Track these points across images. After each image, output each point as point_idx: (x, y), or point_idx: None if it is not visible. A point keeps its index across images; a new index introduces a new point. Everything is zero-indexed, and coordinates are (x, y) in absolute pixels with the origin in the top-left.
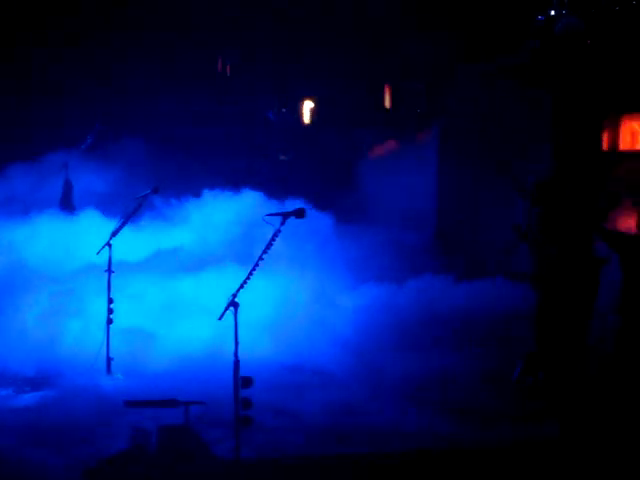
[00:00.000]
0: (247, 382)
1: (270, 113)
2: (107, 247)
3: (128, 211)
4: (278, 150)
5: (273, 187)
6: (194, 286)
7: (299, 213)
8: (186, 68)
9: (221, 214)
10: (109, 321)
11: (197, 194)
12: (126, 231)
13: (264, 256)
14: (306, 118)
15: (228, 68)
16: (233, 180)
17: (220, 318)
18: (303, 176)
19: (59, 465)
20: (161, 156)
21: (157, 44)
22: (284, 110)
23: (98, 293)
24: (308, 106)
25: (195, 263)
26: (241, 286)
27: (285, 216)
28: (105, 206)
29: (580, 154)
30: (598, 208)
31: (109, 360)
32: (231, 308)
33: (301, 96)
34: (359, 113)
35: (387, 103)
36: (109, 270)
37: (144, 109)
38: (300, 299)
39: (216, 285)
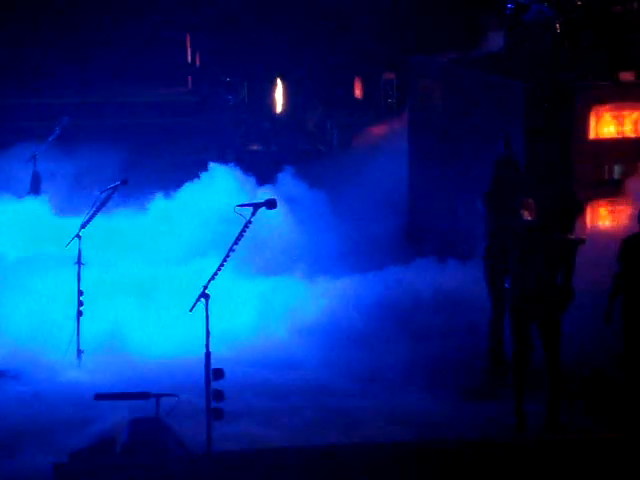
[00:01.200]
0: (218, 374)
1: (230, 97)
2: (76, 239)
3: (97, 203)
4: (248, 140)
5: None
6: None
7: (270, 204)
8: (155, 59)
9: (192, 205)
10: (79, 313)
11: (165, 186)
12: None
13: (235, 247)
14: (278, 107)
15: (197, 58)
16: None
17: (191, 310)
18: (274, 167)
19: (29, 460)
20: (130, 147)
21: (126, 34)
22: (244, 93)
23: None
24: (278, 93)
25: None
26: (212, 278)
27: (256, 207)
28: (72, 197)
29: (553, 143)
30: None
31: (79, 353)
32: (202, 300)
33: (270, 84)
34: (329, 103)
35: (358, 93)
36: (79, 262)
37: (113, 100)
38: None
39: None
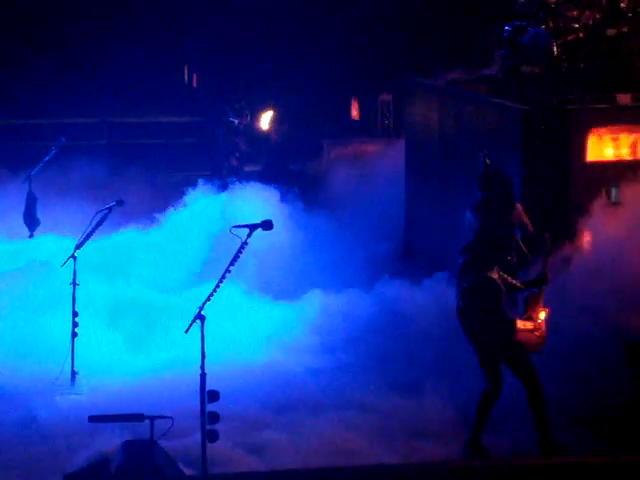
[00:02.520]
0: (213, 396)
1: (234, 119)
2: (72, 260)
3: (92, 223)
4: (244, 160)
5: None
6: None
7: (266, 225)
8: (152, 80)
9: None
10: (74, 334)
11: (163, 207)
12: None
13: (231, 268)
14: (267, 126)
15: (195, 79)
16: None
17: (186, 331)
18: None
19: None
20: (126, 168)
21: (124, 56)
22: (248, 117)
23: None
24: (269, 116)
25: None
26: (208, 299)
27: (252, 228)
28: (67, 219)
29: (549, 166)
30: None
31: (74, 374)
32: (197, 321)
33: (267, 105)
34: (327, 124)
35: (354, 114)
36: (74, 283)
37: (110, 122)
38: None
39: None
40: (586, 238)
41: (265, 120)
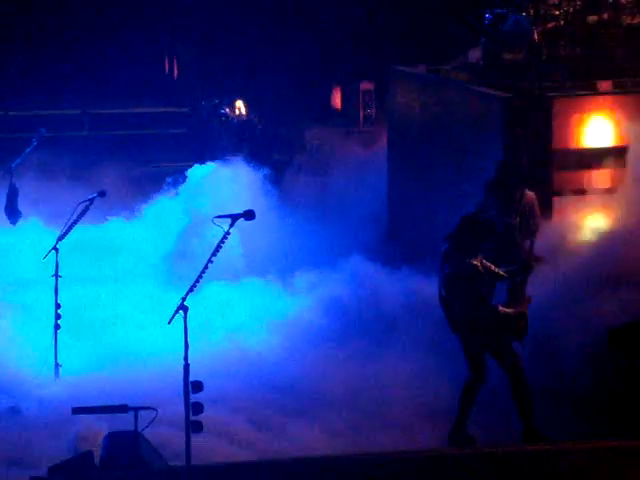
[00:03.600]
0: (197, 387)
1: (224, 111)
2: (54, 251)
3: (75, 215)
4: (229, 150)
5: None
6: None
7: (249, 215)
8: (133, 70)
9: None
10: (57, 326)
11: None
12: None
13: (213, 258)
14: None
15: (175, 69)
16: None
17: (170, 322)
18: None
19: (8, 474)
20: (107, 159)
21: (104, 47)
22: (227, 108)
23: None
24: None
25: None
26: (190, 289)
27: (234, 218)
28: (49, 211)
29: (531, 152)
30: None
31: (57, 366)
32: (180, 312)
33: (249, 95)
34: (308, 113)
35: (336, 103)
36: (56, 275)
37: (90, 113)
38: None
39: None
40: (567, 224)
41: (242, 110)
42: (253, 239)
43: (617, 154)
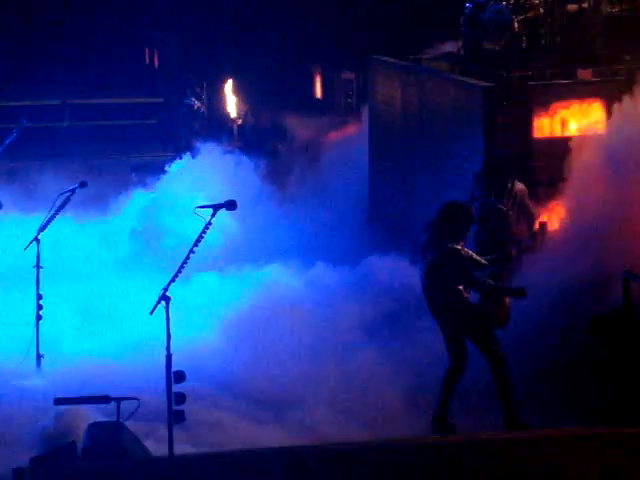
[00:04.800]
0: (180, 377)
1: (193, 100)
2: (35, 242)
3: (55, 206)
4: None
5: None
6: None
7: (230, 205)
8: (114, 60)
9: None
10: (38, 317)
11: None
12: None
13: (195, 249)
14: (231, 107)
15: (156, 60)
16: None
17: (151, 313)
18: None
19: None
20: (88, 150)
21: (85, 37)
22: (203, 97)
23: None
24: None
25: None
26: (172, 280)
27: (216, 208)
28: (30, 201)
29: (511, 141)
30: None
31: (39, 357)
32: (162, 302)
33: (226, 84)
34: (289, 103)
35: (317, 93)
36: (37, 266)
37: (71, 103)
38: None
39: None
40: (547, 213)
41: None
42: (232, 228)
43: (598, 142)
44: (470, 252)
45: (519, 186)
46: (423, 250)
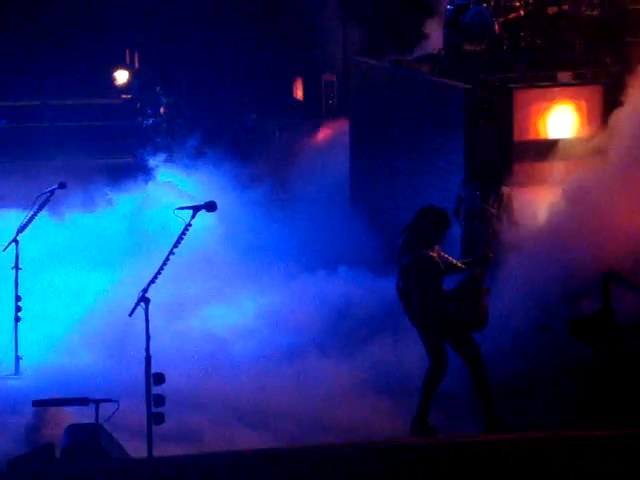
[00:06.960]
0: (159, 379)
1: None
2: (14, 243)
3: (35, 206)
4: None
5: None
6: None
7: (210, 206)
8: (95, 61)
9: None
10: (17, 319)
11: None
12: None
13: (175, 250)
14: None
15: (136, 61)
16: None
17: (131, 314)
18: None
19: None
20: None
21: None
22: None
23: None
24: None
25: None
26: (151, 281)
27: (195, 210)
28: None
29: (492, 143)
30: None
31: (17, 359)
32: (142, 304)
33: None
34: (271, 104)
35: (298, 94)
36: (16, 267)
37: (51, 104)
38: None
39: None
40: (528, 215)
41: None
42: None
43: (578, 145)
44: (446, 256)
45: (505, 189)
46: (398, 254)
